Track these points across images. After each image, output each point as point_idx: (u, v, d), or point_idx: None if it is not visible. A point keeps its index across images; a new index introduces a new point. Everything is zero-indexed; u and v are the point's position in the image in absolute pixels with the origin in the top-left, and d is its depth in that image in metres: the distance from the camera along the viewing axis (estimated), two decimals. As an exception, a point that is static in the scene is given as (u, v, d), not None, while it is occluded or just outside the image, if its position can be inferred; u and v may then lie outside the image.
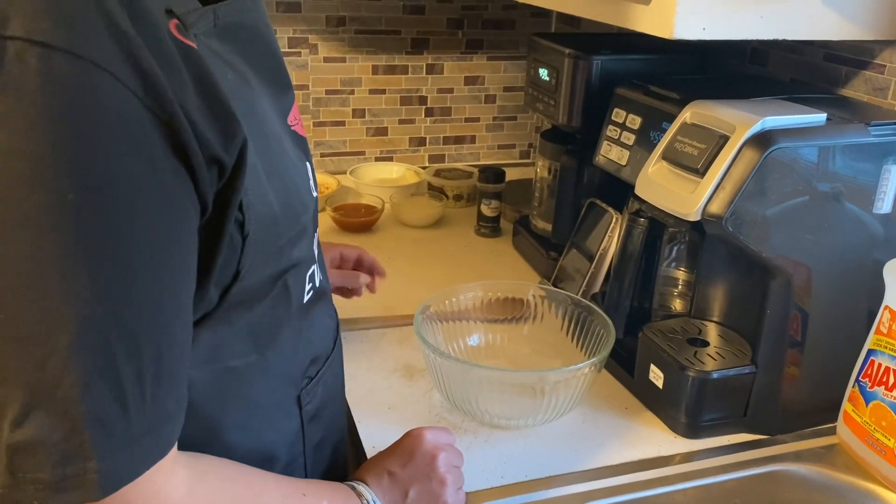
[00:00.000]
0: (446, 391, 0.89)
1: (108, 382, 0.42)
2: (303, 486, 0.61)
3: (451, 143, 1.77)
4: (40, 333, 0.40)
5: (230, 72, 0.52)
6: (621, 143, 0.99)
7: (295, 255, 0.58)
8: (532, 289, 1.03)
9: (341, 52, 1.60)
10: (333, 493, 0.63)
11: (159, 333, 0.45)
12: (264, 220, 0.52)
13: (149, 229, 0.43)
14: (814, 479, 0.84)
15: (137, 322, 0.43)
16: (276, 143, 0.56)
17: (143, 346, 0.44)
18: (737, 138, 0.77)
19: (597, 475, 0.82)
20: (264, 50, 0.58)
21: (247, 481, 0.55)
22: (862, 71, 0.99)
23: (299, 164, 0.60)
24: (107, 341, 0.42)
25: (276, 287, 0.57)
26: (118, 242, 0.42)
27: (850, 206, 0.83)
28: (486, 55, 1.71)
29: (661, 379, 0.90)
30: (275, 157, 0.55)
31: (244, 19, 0.55)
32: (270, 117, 0.57)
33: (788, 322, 0.85)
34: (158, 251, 0.44)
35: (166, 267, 0.45)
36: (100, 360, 0.42)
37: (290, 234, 0.57)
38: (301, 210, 0.58)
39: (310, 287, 0.62)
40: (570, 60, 1.11)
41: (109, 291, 0.42)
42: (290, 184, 0.57)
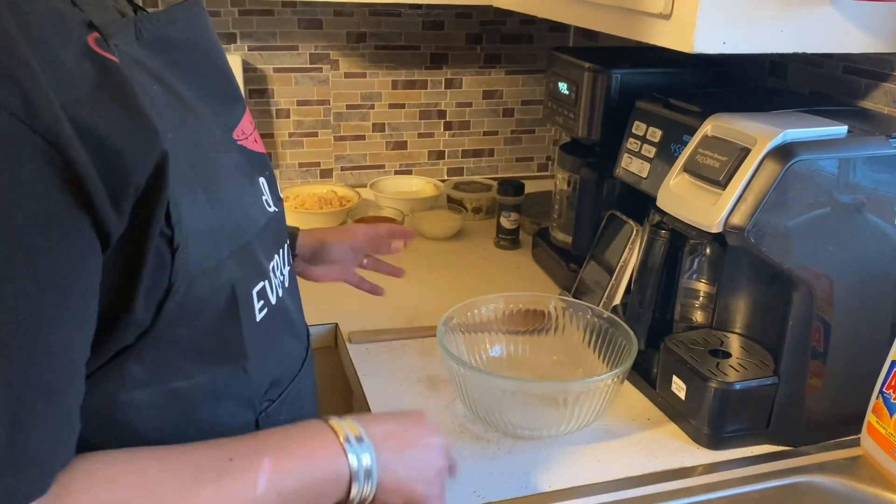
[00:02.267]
0: (469, 402, 0.90)
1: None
2: (232, 448, 0.53)
3: (470, 157, 1.78)
4: None
5: (156, 84, 0.51)
6: (642, 156, 1.00)
7: (239, 270, 0.55)
8: (553, 300, 1.04)
9: (361, 67, 1.62)
10: (284, 444, 0.54)
11: (22, 375, 0.42)
12: (199, 233, 0.50)
13: (22, 266, 0.41)
14: (838, 490, 0.84)
15: (14, 360, 0.42)
16: (213, 156, 0.55)
17: (19, 383, 0.42)
18: (758, 151, 0.78)
19: (620, 486, 0.83)
20: (204, 64, 0.57)
21: (135, 474, 0.49)
22: (882, 83, 0.99)
23: (243, 179, 0.58)
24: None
25: (218, 303, 0.53)
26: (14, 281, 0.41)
27: (871, 218, 0.83)
28: (505, 69, 1.72)
29: (684, 390, 0.90)
30: (211, 171, 0.53)
31: (172, 33, 0.54)
32: (209, 131, 0.55)
33: (811, 333, 0.85)
34: (29, 289, 0.42)
35: (36, 304, 0.42)
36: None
37: (231, 248, 0.54)
38: (244, 224, 0.56)
39: (262, 304, 0.58)
40: (590, 74, 1.12)
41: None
42: (229, 197, 0.55)
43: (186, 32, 0.56)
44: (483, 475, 0.83)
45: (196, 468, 0.50)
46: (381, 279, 1.04)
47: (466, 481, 0.82)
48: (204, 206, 0.51)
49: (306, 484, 0.54)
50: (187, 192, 0.49)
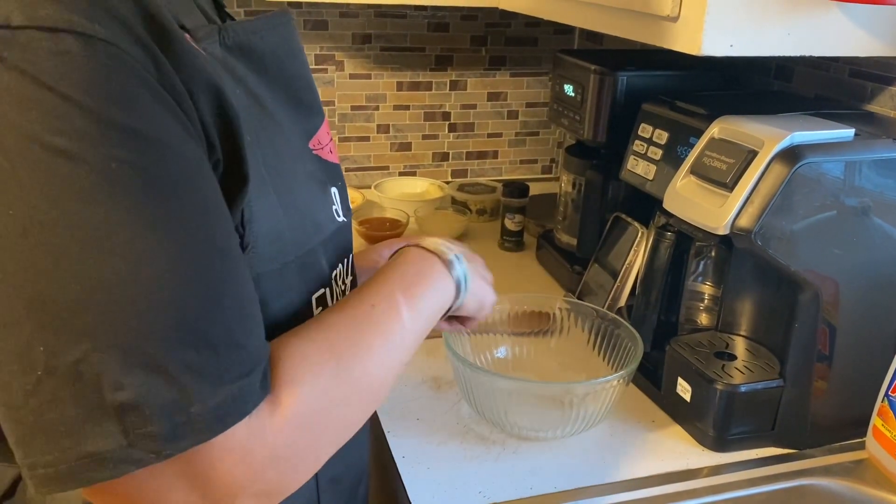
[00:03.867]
0: (475, 403, 0.90)
1: (196, 331, 0.43)
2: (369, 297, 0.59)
3: (474, 159, 1.78)
4: (121, 297, 0.41)
5: (239, 88, 0.53)
6: (648, 158, 1.00)
7: (301, 275, 0.57)
8: (558, 302, 1.04)
9: (367, 68, 1.62)
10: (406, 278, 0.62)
11: (233, 283, 0.46)
12: (267, 235, 0.52)
13: (193, 183, 0.44)
14: (843, 493, 0.84)
15: (211, 272, 0.44)
16: (289, 163, 0.56)
17: (226, 294, 0.45)
18: (765, 153, 0.78)
19: (625, 487, 0.83)
20: (286, 74, 0.59)
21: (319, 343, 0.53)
22: (888, 87, 0.99)
23: (316, 188, 0.60)
24: (187, 293, 0.43)
25: (279, 305, 0.56)
26: (173, 200, 0.43)
27: (878, 221, 0.83)
28: (509, 72, 1.73)
29: (689, 392, 0.90)
30: (286, 177, 0.55)
31: (255, 42, 0.55)
32: (287, 139, 0.57)
33: (816, 336, 0.85)
34: (206, 203, 0.45)
35: (218, 217, 0.46)
36: (184, 312, 0.43)
37: (296, 253, 0.56)
38: (312, 231, 0.58)
39: (320, 310, 0.61)
40: (596, 76, 1.12)
41: (178, 248, 0.43)
42: (300, 204, 0.57)
43: (270, 42, 0.57)
44: (489, 476, 0.83)
45: (354, 321, 0.55)
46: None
47: (472, 482, 0.82)
48: (275, 209, 0.53)
49: (431, 303, 0.63)
50: (261, 194, 0.51)
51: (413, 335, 0.59)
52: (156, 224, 0.42)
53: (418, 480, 0.82)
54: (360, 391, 0.54)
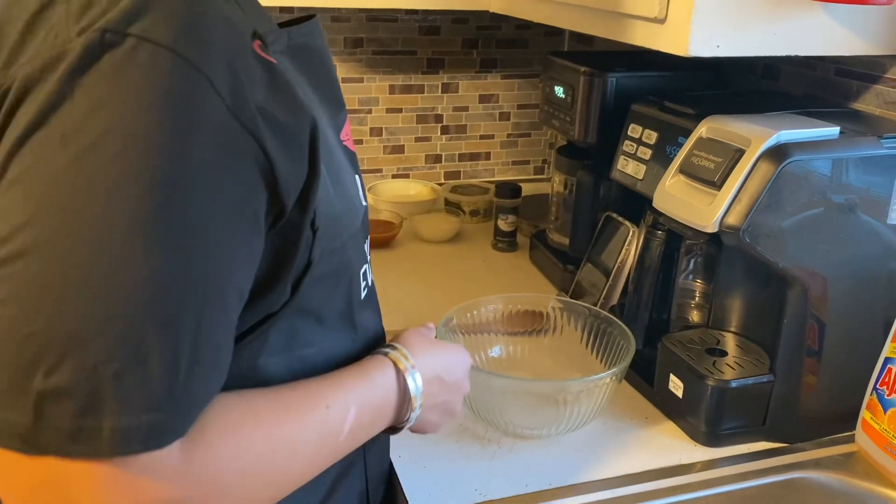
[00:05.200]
0: (470, 402, 0.91)
1: (145, 350, 0.43)
2: (325, 394, 0.59)
3: (467, 160, 1.79)
4: (91, 289, 0.43)
5: (299, 87, 0.57)
6: (638, 158, 1.02)
7: (352, 252, 0.63)
8: (551, 301, 1.05)
9: (359, 72, 1.63)
10: (363, 394, 0.62)
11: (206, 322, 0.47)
12: (329, 217, 0.57)
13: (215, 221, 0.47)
14: (833, 486, 0.85)
15: (186, 303, 0.46)
16: (335, 153, 0.62)
17: (186, 327, 0.46)
18: (752, 152, 0.80)
19: (619, 483, 0.84)
20: (324, 70, 0.64)
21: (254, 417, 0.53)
22: (873, 85, 1.01)
23: (350, 176, 0.65)
24: (154, 312, 0.44)
25: (339, 280, 0.62)
26: (186, 225, 0.45)
27: (864, 217, 0.85)
28: (501, 74, 1.74)
29: (681, 388, 0.91)
30: (335, 165, 0.60)
31: (310, 42, 0.62)
32: (329, 131, 0.62)
33: (805, 331, 0.86)
34: (219, 239, 0.47)
35: (223, 259, 0.48)
36: (142, 327, 0.44)
37: (349, 233, 0.62)
38: (355, 214, 0.64)
39: (364, 284, 0.68)
40: (586, 78, 1.14)
41: (168, 269, 0.45)
42: (346, 189, 0.62)
43: (316, 41, 0.63)
44: (484, 473, 0.84)
45: (301, 413, 0.57)
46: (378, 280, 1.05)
47: (468, 480, 0.83)
48: (331, 194, 0.58)
49: (375, 429, 0.64)
50: (322, 182, 0.55)
51: (345, 449, 0.61)
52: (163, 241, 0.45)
53: (415, 479, 0.83)
54: (274, 485, 0.54)
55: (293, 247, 0.54)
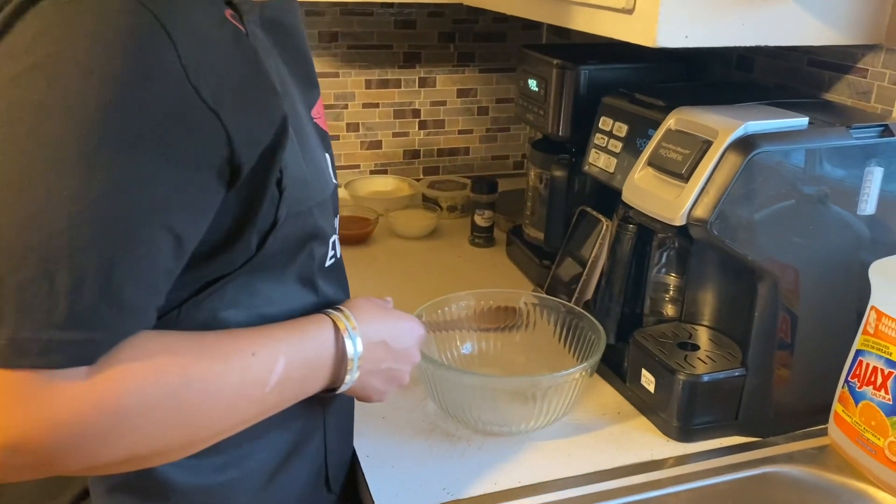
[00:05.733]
0: (440, 400, 0.90)
1: (53, 267, 0.44)
2: (253, 341, 0.59)
3: (446, 155, 1.78)
4: (10, 200, 0.44)
5: (270, 58, 0.60)
6: (609, 151, 1.00)
7: (319, 220, 0.65)
8: (524, 297, 1.04)
9: (334, 67, 1.62)
10: (295, 346, 0.61)
11: (124, 254, 0.47)
12: (297, 180, 0.59)
13: (147, 159, 0.47)
14: (806, 480, 0.84)
15: (104, 231, 0.46)
16: (305, 126, 0.64)
17: (101, 253, 0.46)
18: (720, 143, 0.79)
19: (590, 480, 0.83)
20: (298, 49, 0.66)
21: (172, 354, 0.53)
22: (845, 75, 1.00)
23: (319, 152, 0.67)
24: (70, 233, 0.45)
25: (303, 244, 0.64)
26: (115, 156, 0.46)
27: (834, 209, 0.84)
28: (478, 68, 1.73)
29: (653, 383, 0.90)
30: (303, 135, 0.62)
31: (283, 17, 0.64)
32: (299, 105, 0.64)
33: (777, 324, 0.86)
34: (149, 177, 0.48)
35: (155, 198, 0.48)
36: (54, 245, 0.44)
37: (317, 199, 0.64)
38: (323, 183, 0.66)
39: (332, 254, 0.70)
40: (558, 70, 1.12)
41: (90, 195, 0.45)
42: (314, 159, 0.64)
43: (289, 19, 0.65)
44: (453, 472, 0.83)
45: (225, 355, 0.56)
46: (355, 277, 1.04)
47: (436, 479, 0.82)
48: (300, 159, 0.60)
49: (307, 386, 0.63)
50: (291, 146, 0.58)
51: (273, 403, 0.60)
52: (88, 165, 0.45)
53: (382, 479, 0.82)
54: (186, 427, 0.53)
55: (257, 203, 0.56)
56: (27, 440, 0.45)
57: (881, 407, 0.79)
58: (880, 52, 0.95)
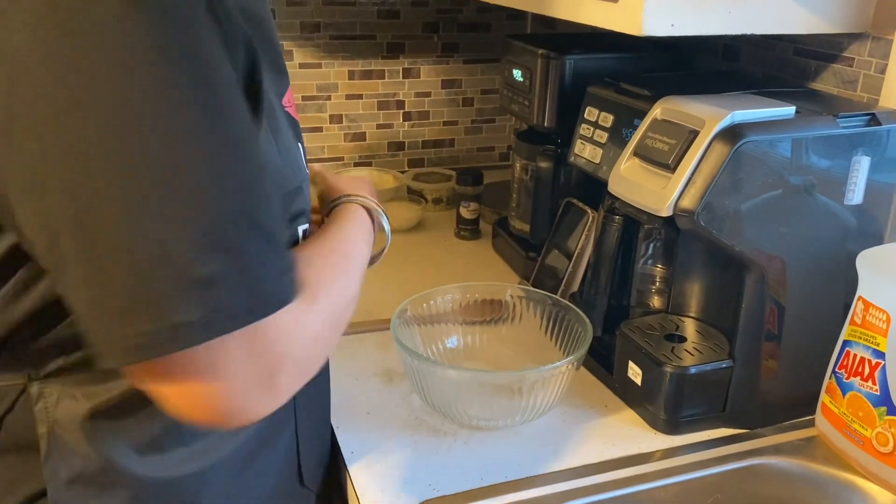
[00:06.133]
0: (425, 394, 0.89)
1: (257, 222, 0.49)
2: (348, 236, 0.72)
3: (430, 147, 1.76)
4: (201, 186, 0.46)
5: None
6: (594, 142, 0.99)
7: (294, 208, 0.65)
8: (510, 290, 1.03)
9: (317, 57, 1.60)
10: (362, 232, 0.75)
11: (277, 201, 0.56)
12: (272, 164, 0.59)
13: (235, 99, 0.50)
14: (793, 471, 0.84)
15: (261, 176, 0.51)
16: (277, 111, 0.63)
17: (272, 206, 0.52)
18: (706, 133, 0.78)
19: (577, 474, 0.82)
20: (267, 35, 0.65)
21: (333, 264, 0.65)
22: (831, 64, 0.99)
23: (292, 140, 0.66)
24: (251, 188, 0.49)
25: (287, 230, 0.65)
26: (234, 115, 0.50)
27: (821, 198, 0.83)
28: (463, 58, 1.71)
29: (640, 375, 0.90)
30: (275, 123, 0.61)
31: (256, 9, 0.62)
32: (270, 93, 0.62)
33: (764, 315, 0.85)
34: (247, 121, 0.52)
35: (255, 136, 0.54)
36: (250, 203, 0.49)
37: (287, 188, 0.63)
38: (296, 170, 0.65)
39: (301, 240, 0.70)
40: (543, 60, 1.11)
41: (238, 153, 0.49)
42: (287, 146, 0.64)
43: (261, 11, 0.64)
44: (439, 468, 0.82)
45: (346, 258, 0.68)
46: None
47: (422, 475, 0.81)
48: (272, 144, 0.59)
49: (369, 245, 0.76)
50: (263, 130, 0.57)
51: (365, 270, 0.72)
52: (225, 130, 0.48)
53: (366, 476, 0.81)
54: (353, 299, 0.65)
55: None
56: (302, 361, 0.54)
57: (868, 398, 0.79)
58: (866, 41, 0.94)
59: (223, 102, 0.48)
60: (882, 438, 0.78)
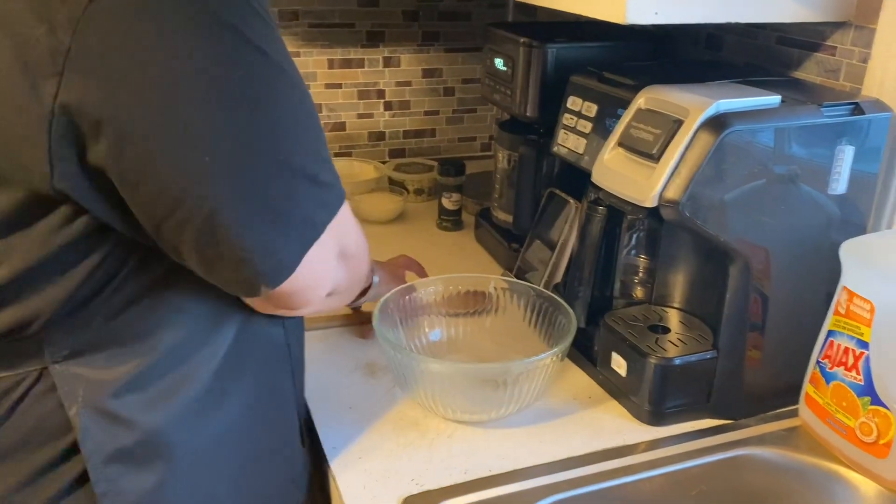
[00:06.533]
0: (408, 388, 0.88)
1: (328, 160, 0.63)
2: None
3: (412, 137, 1.75)
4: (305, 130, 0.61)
5: None
6: (578, 132, 0.98)
7: None
8: (493, 281, 1.02)
9: (295, 46, 1.57)
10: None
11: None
12: None
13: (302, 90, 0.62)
14: (777, 462, 0.84)
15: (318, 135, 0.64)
16: None
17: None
18: (691, 122, 0.77)
19: (561, 467, 0.81)
20: None
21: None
22: (814, 53, 0.99)
23: None
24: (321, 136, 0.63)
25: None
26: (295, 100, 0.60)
27: (805, 188, 0.83)
28: (444, 47, 1.69)
29: (624, 367, 0.89)
30: None
31: None
32: None
33: (748, 306, 0.85)
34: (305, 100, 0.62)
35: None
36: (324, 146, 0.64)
37: None
38: None
39: None
40: (525, 49, 1.10)
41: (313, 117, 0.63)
42: None
43: None
44: (422, 463, 0.81)
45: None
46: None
47: (405, 469, 0.80)
48: None
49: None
50: None
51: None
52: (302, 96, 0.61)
53: (349, 471, 0.79)
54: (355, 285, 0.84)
55: None
56: (337, 278, 0.72)
57: (852, 387, 0.79)
58: (849, 30, 0.94)
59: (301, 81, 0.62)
60: (866, 428, 0.78)
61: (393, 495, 0.76)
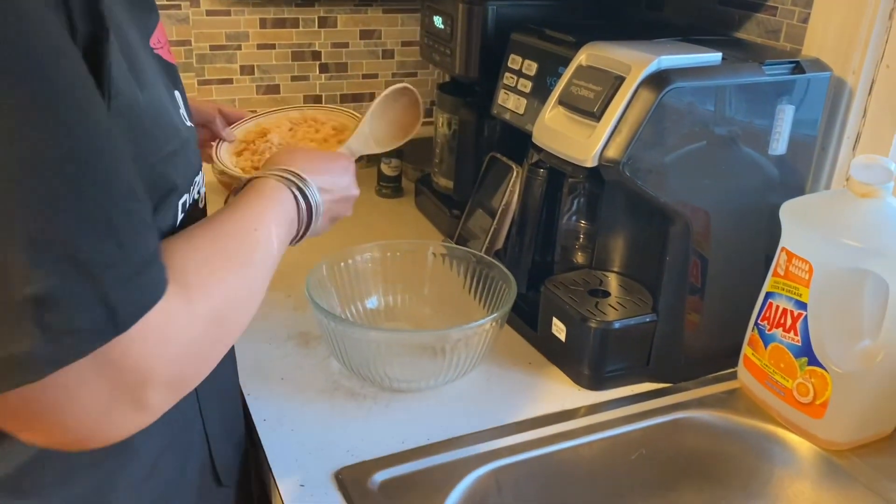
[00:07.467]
0: (343, 357, 0.84)
1: (98, 219, 0.41)
2: (247, 220, 0.60)
3: (349, 101, 1.69)
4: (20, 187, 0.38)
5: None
6: (518, 91, 0.95)
7: (170, 176, 0.55)
8: (432, 247, 0.99)
9: (225, 4, 1.49)
10: (275, 213, 0.64)
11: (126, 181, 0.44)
12: (134, 128, 0.49)
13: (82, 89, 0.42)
14: (716, 424, 0.84)
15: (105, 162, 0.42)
16: (137, 51, 0.52)
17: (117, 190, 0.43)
18: (633, 79, 0.75)
19: (500, 433, 0.79)
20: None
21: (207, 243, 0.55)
22: (755, 14, 0.98)
23: (163, 88, 0.55)
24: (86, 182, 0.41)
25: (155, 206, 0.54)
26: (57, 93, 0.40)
27: (746, 149, 0.82)
28: (382, 7, 1.63)
29: (564, 332, 0.87)
30: (139, 67, 0.51)
31: None
32: (131, 30, 0.52)
33: (688, 269, 0.84)
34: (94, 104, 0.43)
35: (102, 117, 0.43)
36: (84, 201, 0.40)
37: (164, 151, 0.53)
38: (171, 131, 0.55)
39: (183, 216, 0.58)
40: (465, 6, 1.06)
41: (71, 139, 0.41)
42: (159, 100, 0.53)
43: None
44: (358, 433, 0.78)
45: (240, 237, 0.58)
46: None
47: (340, 441, 0.77)
48: (139, 102, 0.49)
49: (289, 238, 0.66)
50: (125, 83, 0.47)
51: (276, 262, 0.62)
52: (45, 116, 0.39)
53: (279, 444, 0.76)
54: (249, 298, 0.57)
55: None
56: (175, 370, 0.47)
57: (790, 349, 0.79)
58: (790, -11, 0.93)
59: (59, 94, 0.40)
60: (803, 389, 0.78)
61: (326, 468, 0.73)
